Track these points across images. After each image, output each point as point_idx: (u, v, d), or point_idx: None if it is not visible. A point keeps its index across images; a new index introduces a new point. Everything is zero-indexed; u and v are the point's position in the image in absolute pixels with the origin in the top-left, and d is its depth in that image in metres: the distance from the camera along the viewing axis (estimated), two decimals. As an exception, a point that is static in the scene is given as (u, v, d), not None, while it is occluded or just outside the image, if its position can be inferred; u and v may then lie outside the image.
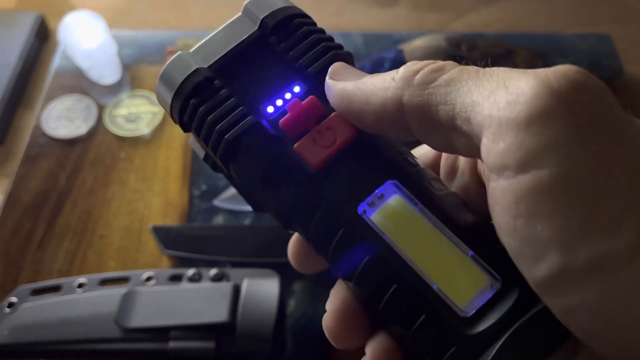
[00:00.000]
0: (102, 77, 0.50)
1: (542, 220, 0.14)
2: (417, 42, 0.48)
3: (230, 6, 0.58)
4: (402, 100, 0.17)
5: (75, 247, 0.42)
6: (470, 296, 0.17)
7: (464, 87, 0.16)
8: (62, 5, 0.57)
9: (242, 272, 0.38)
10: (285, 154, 0.19)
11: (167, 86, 0.21)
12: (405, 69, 0.18)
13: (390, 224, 0.18)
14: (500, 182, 0.15)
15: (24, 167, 0.46)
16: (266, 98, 0.20)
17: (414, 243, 0.18)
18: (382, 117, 0.18)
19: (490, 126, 0.15)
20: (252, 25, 0.22)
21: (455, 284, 0.17)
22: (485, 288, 0.17)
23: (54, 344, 0.36)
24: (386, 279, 0.18)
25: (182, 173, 0.45)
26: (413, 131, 0.18)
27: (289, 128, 0.20)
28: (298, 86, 0.21)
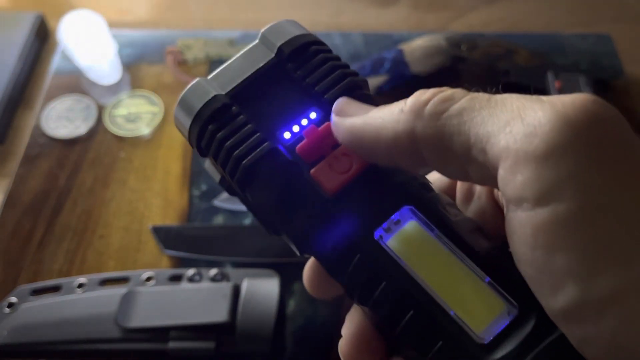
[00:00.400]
0: (101, 77, 0.50)
1: (561, 252, 0.14)
2: (417, 42, 0.48)
3: (230, 5, 0.58)
4: (415, 133, 0.17)
5: (75, 247, 0.41)
6: (487, 322, 0.17)
7: (477, 118, 0.16)
8: (62, 5, 0.57)
9: (242, 272, 0.38)
10: (301, 179, 0.20)
11: (186, 111, 0.21)
12: (413, 100, 0.18)
13: (407, 249, 0.18)
14: (519, 213, 0.15)
15: (23, 167, 0.46)
16: (283, 124, 0.21)
17: (431, 269, 0.18)
18: (395, 151, 0.18)
19: (507, 158, 0.15)
20: (269, 53, 0.22)
21: (472, 310, 0.17)
22: (502, 314, 0.17)
23: (53, 344, 0.36)
24: (403, 305, 0.18)
25: (182, 173, 0.45)
26: (427, 162, 0.18)
27: (306, 154, 0.20)
28: (314, 112, 0.21)
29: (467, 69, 0.51)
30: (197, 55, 0.52)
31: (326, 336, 0.37)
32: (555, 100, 0.15)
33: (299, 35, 0.22)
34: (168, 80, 0.51)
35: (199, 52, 0.52)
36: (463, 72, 0.51)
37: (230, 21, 0.57)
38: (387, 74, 0.47)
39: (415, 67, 0.47)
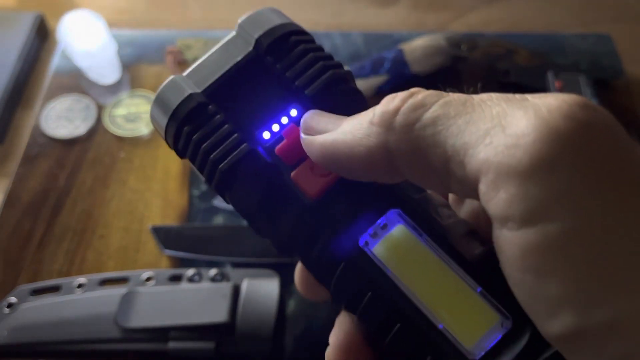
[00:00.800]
0: (101, 76, 0.50)
1: (553, 278, 0.13)
2: (417, 41, 0.48)
3: (230, 5, 0.58)
4: (388, 147, 0.16)
5: (75, 247, 0.41)
6: (478, 336, 0.16)
7: (452, 127, 0.15)
8: (62, 5, 0.57)
9: (242, 273, 0.38)
10: (281, 183, 0.19)
11: (161, 111, 0.20)
12: (382, 110, 0.16)
13: (394, 256, 0.17)
14: (504, 232, 0.14)
15: (23, 167, 0.46)
16: (262, 123, 0.20)
17: (419, 278, 0.17)
18: (370, 167, 0.17)
19: (487, 172, 0.14)
20: (247, 46, 0.21)
21: (462, 322, 0.16)
22: (494, 327, 0.16)
23: (53, 344, 0.36)
24: (390, 318, 0.17)
25: (181, 173, 0.45)
26: (405, 175, 0.17)
27: (286, 155, 0.19)
28: (295, 109, 0.20)
29: (467, 69, 0.51)
30: (196, 55, 0.52)
31: (326, 336, 0.37)
32: (540, 104, 0.14)
33: (278, 26, 0.21)
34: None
35: (199, 52, 0.52)
36: (463, 72, 0.51)
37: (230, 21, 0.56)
38: (387, 73, 0.47)
39: (416, 67, 0.47)
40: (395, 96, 0.16)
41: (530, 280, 0.13)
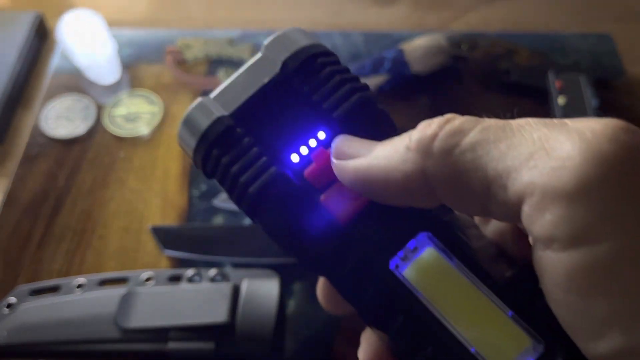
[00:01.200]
0: (101, 76, 0.50)
1: (601, 298, 0.13)
2: (418, 41, 0.48)
3: (229, 5, 0.58)
4: (426, 173, 0.16)
5: (75, 247, 0.41)
6: (510, 359, 0.16)
7: (493, 151, 0.15)
8: (61, 5, 0.57)
9: (242, 273, 0.38)
10: (311, 206, 0.19)
11: (190, 134, 0.20)
12: (419, 136, 0.16)
13: (424, 280, 0.17)
14: (548, 253, 0.14)
15: (22, 167, 0.45)
16: (290, 145, 0.20)
17: (450, 301, 0.17)
18: (406, 193, 0.17)
19: (532, 195, 0.14)
20: (274, 67, 0.21)
21: (494, 346, 0.16)
22: (527, 351, 0.16)
23: (53, 345, 0.36)
24: (421, 341, 0.17)
25: (181, 173, 0.45)
26: (442, 201, 0.17)
27: (315, 178, 0.19)
28: (323, 132, 0.20)
29: (468, 68, 0.51)
30: (196, 54, 0.52)
31: (326, 336, 0.37)
32: (583, 128, 0.14)
33: (304, 47, 0.21)
34: (167, 79, 0.51)
35: (199, 51, 0.52)
36: (463, 72, 0.51)
37: (230, 20, 0.57)
38: (388, 73, 0.47)
39: (416, 66, 0.47)
40: (431, 122, 0.16)
41: (576, 301, 0.14)
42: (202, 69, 0.52)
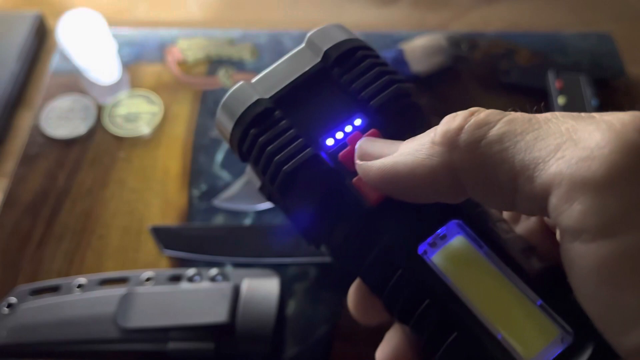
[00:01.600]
0: (101, 76, 0.50)
1: (630, 290, 0.13)
2: (418, 41, 0.48)
3: (229, 5, 0.58)
4: (453, 166, 0.16)
5: (74, 247, 0.41)
6: (538, 349, 0.16)
7: (520, 143, 0.15)
8: (61, 5, 0.57)
9: (242, 273, 0.38)
10: (343, 187, 0.19)
11: (228, 115, 0.21)
12: (444, 129, 0.16)
13: (453, 266, 0.17)
14: (577, 245, 0.14)
15: (22, 167, 0.45)
16: (326, 130, 0.20)
17: (478, 288, 0.17)
18: (434, 188, 0.17)
19: (560, 185, 0.14)
20: (315, 57, 0.21)
21: (521, 334, 0.16)
22: (555, 341, 0.16)
23: (53, 345, 0.36)
24: (446, 326, 0.17)
25: (181, 173, 0.45)
26: (469, 194, 0.17)
27: (348, 162, 0.19)
28: (360, 119, 0.20)
29: (468, 68, 0.51)
30: (197, 54, 0.52)
31: (326, 336, 0.37)
32: (612, 119, 0.14)
33: (345, 40, 0.21)
34: (167, 79, 0.51)
35: (199, 51, 0.52)
36: (463, 72, 0.51)
37: (230, 20, 0.57)
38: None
39: (416, 66, 0.47)
40: (456, 115, 0.16)
41: (605, 293, 0.13)
42: (203, 69, 0.52)
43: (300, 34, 0.53)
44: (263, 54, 0.52)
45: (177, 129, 0.48)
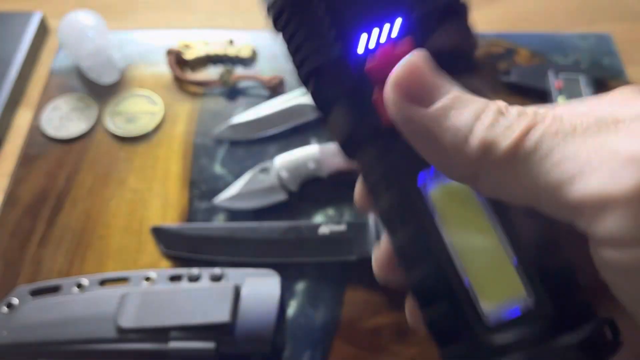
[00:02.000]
0: (101, 76, 0.50)
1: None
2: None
3: (230, 5, 0.58)
4: (482, 169, 0.15)
5: (75, 247, 0.41)
6: (499, 303, 0.16)
7: (554, 150, 0.14)
8: (62, 5, 0.57)
9: (243, 272, 0.38)
10: (360, 98, 0.18)
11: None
12: (483, 136, 0.15)
13: (446, 204, 0.18)
14: (609, 252, 0.14)
15: (23, 167, 0.46)
16: (364, 23, 0.19)
17: (461, 231, 0.17)
18: (455, 172, 0.16)
19: (592, 195, 0.14)
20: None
21: (488, 285, 0.17)
22: (516, 299, 0.16)
23: (53, 345, 0.36)
24: (421, 257, 0.17)
25: (181, 173, 0.45)
26: (491, 190, 0.16)
27: (374, 73, 0.18)
28: (401, 19, 0.19)
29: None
30: (197, 54, 0.52)
31: (326, 336, 0.37)
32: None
33: None
34: (168, 79, 0.51)
35: (199, 51, 0.52)
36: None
37: (230, 21, 0.57)
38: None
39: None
40: (507, 114, 0.15)
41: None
42: (203, 69, 0.52)
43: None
44: (263, 54, 0.53)
45: (178, 129, 0.48)
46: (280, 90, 0.49)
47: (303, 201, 0.43)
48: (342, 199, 0.43)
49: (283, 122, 0.47)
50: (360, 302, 0.39)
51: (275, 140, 0.47)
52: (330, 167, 0.43)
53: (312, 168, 0.43)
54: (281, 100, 0.48)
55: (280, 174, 0.42)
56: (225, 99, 0.50)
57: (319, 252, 0.40)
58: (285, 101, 0.48)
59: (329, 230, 0.40)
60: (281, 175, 0.42)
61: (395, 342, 0.37)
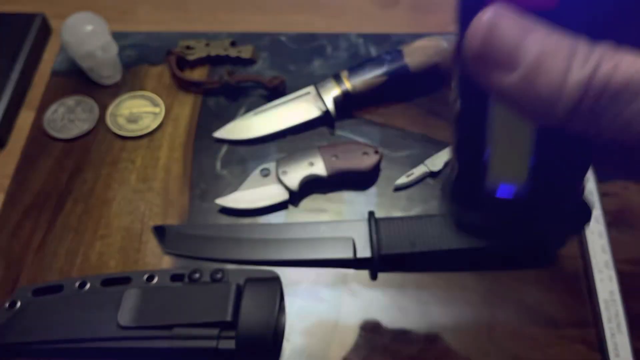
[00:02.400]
0: (103, 77, 0.50)
1: None
2: (417, 43, 0.48)
3: (230, 7, 0.58)
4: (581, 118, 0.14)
5: (76, 247, 0.42)
6: (501, 180, 0.20)
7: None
8: (64, 6, 0.58)
9: (243, 272, 0.38)
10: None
11: None
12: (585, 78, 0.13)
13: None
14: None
15: (25, 167, 0.46)
16: None
17: (505, 118, 0.19)
18: (544, 118, 0.14)
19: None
20: None
21: (502, 164, 0.20)
22: (516, 186, 0.20)
23: (55, 344, 0.36)
24: (470, 120, 0.20)
25: (182, 173, 0.45)
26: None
27: None
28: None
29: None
30: (198, 55, 0.52)
31: (326, 336, 0.38)
32: None
33: None
34: (169, 80, 0.51)
35: (201, 52, 0.52)
36: (463, 73, 0.51)
37: (231, 22, 0.57)
38: (386, 75, 0.47)
39: (415, 68, 0.48)
40: (601, 58, 0.13)
41: None
42: (204, 71, 0.52)
43: (300, 35, 0.54)
44: (264, 55, 0.53)
45: (179, 129, 0.48)
46: (280, 91, 0.49)
47: (303, 201, 0.44)
48: (342, 198, 0.43)
49: (284, 123, 0.47)
50: (360, 301, 0.39)
51: (276, 140, 0.47)
52: (331, 167, 0.43)
53: (312, 168, 0.43)
54: (282, 101, 0.48)
55: (281, 174, 0.43)
56: (226, 100, 0.50)
57: (319, 251, 0.40)
58: (286, 101, 0.48)
59: (328, 229, 0.40)
60: (281, 175, 0.43)
61: (395, 341, 0.37)
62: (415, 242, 0.39)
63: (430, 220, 0.39)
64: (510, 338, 0.37)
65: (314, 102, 0.47)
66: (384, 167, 0.45)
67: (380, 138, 0.47)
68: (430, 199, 0.43)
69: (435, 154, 0.45)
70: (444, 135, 0.47)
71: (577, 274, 0.39)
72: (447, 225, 0.39)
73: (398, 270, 0.40)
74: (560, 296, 0.39)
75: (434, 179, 0.45)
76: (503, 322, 0.38)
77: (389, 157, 0.46)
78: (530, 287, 0.39)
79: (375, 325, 0.38)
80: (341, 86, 0.47)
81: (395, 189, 0.44)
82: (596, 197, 0.42)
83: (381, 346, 0.37)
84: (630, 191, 0.44)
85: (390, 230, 0.39)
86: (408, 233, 0.39)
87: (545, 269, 0.40)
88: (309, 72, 0.51)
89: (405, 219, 0.40)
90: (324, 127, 0.48)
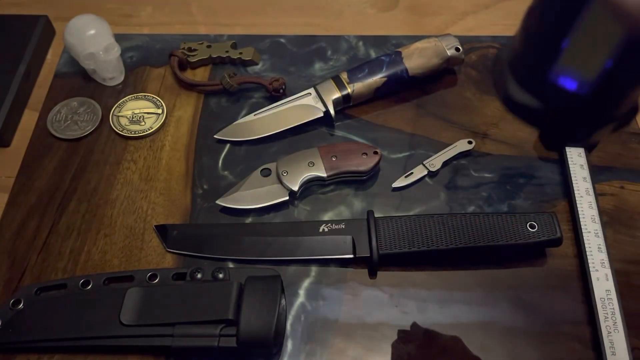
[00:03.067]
0: (106, 79, 0.51)
1: None
2: (415, 44, 0.49)
3: (232, 9, 0.59)
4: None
5: (80, 246, 0.42)
6: (573, 72, 0.21)
7: None
8: (68, 8, 0.58)
9: (245, 271, 0.38)
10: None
11: None
12: None
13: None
14: None
15: (29, 167, 0.46)
16: None
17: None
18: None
19: None
20: None
21: (576, 56, 0.21)
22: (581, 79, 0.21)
23: (58, 342, 0.36)
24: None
25: (185, 173, 0.46)
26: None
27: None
28: None
29: (465, 71, 0.52)
30: (200, 57, 0.52)
31: (326, 334, 0.38)
32: None
33: None
34: (171, 82, 0.52)
35: (202, 54, 0.52)
36: (460, 75, 0.51)
37: (233, 24, 0.57)
38: (385, 76, 0.48)
39: (413, 69, 0.48)
40: None
41: None
42: (206, 72, 0.52)
43: (301, 37, 0.54)
44: (265, 57, 0.53)
45: (181, 130, 0.48)
46: (281, 92, 0.49)
47: (303, 201, 0.44)
48: (341, 198, 0.44)
49: (284, 124, 0.47)
50: (360, 300, 0.39)
51: (276, 140, 0.47)
52: (330, 167, 0.43)
53: (312, 168, 0.43)
54: (282, 102, 0.48)
55: (281, 174, 0.43)
56: (228, 101, 0.50)
57: (319, 250, 0.40)
58: (286, 103, 0.48)
59: (328, 228, 0.41)
60: (282, 175, 0.43)
61: (395, 340, 0.38)
62: (414, 242, 0.39)
63: (429, 220, 0.40)
64: (507, 336, 0.37)
65: (314, 104, 0.48)
66: (383, 168, 0.45)
67: (379, 138, 0.47)
68: (429, 199, 0.44)
69: (434, 154, 0.46)
70: (442, 135, 0.47)
71: (574, 273, 0.40)
72: (447, 225, 0.40)
73: (397, 269, 0.40)
74: (557, 295, 0.39)
75: (432, 179, 0.45)
76: (500, 320, 0.38)
77: (388, 157, 0.46)
78: (527, 286, 0.39)
79: (375, 323, 0.38)
80: (341, 88, 0.47)
81: (394, 189, 0.44)
82: (593, 197, 0.42)
83: (382, 344, 0.37)
84: (626, 191, 0.44)
85: (389, 229, 0.40)
86: (407, 232, 0.39)
87: (542, 268, 0.40)
88: (309, 74, 0.52)
89: (405, 219, 0.40)
90: (324, 127, 0.48)
